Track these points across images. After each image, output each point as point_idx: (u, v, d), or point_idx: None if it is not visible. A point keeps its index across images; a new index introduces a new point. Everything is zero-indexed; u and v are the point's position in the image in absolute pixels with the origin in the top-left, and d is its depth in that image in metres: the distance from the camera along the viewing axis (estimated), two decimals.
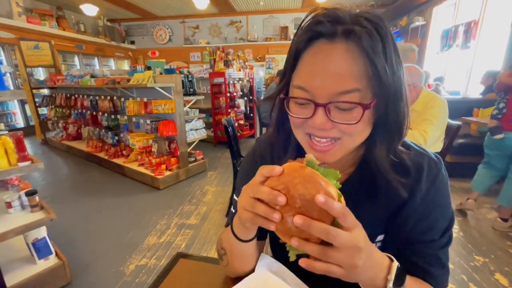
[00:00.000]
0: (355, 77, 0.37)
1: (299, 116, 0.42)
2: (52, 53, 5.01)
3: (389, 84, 0.38)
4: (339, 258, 0.32)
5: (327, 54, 0.38)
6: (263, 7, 6.95)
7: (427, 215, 0.47)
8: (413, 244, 0.48)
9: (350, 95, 0.37)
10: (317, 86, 0.38)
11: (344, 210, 0.32)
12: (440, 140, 1.77)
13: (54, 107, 4.67)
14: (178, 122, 2.91)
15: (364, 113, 0.38)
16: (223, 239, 0.57)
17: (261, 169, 0.37)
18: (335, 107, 0.39)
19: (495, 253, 1.73)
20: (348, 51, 0.37)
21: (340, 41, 0.37)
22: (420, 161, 0.48)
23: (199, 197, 2.69)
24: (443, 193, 0.48)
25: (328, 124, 0.39)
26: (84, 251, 1.86)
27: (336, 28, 0.37)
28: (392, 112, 0.40)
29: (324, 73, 0.38)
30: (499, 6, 3.85)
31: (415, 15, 5.48)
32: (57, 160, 4.12)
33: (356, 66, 0.37)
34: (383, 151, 0.44)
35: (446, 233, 0.48)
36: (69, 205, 2.58)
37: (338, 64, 0.37)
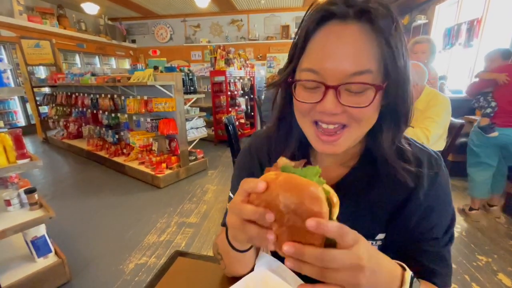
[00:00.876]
0: (368, 58, 0.36)
1: (307, 101, 0.40)
2: (53, 51, 5.01)
3: (401, 66, 0.37)
4: (339, 279, 0.29)
5: (340, 35, 0.37)
6: (264, 6, 6.93)
7: (429, 213, 0.46)
8: (416, 243, 0.46)
9: (362, 76, 0.36)
10: (329, 67, 0.37)
11: (340, 230, 0.28)
12: (443, 138, 1.75)
13: (55, 106, 4.68)
14: (178, 120, 2.90)
15: (376, 96, 0.37)
16: (219, 245, 0.54)
17: (243, 184, 0.33)
18: (345, 89, 0.37)
19: (498, 252, 1.71)
20: (361, 32, 0.36)
21: (353, 22, 0.36)
22: (420, 157, 0.46)
23: (200, 196, 2.69)
24: (445, 191, 0.47)
25: (339, 108, 0.38)
26: (84, 249, 1.86)
27: (349, 8, 0.36)
28: (401, 96, 0.40)
29: (336, 54, 0.36)
30: (503, 4, 3.81)
31: (418, 14, 5.44)
32: (58, 158, 4.12)
33: (369, 47, 0.36)
34: (389, 138, 0.43)
35: (448, 231, 0.47)
36: (69, 203, 2.58)
37: (350, 44, 0.36)
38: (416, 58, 1.92)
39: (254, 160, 0.58)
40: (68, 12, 6.40)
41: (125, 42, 7.72)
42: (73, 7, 6.40)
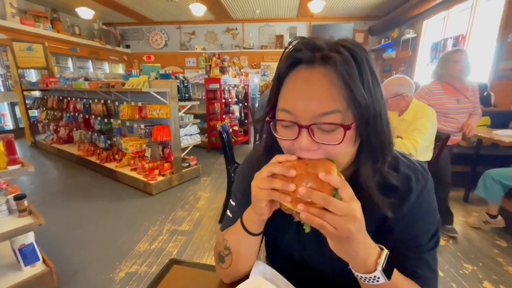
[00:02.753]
0: (334, 99, 0.39)
1: (285, 138, 0.44)
2: (45, 55, 4.95)
3: (367, 107, 0.40)
4: (334, 220, 0.37)
5: (307, 78, 0.40)
6: (259, 16, 7.07)
7: (413, 223, 0.49)
8: (400, 249, 0.49)
9: (331, 116, 0.39)
10: (299, 108, 0.41)
11: (342, 182, 0.39)
12: (430, 149, 1.82)
13: (46, 110, 4.60)
14: (172, 127, 2.90)
15: (346, 134, 0.40)
16: (228, 239, 0.58)
17: (277, 157, 0.44)
18: (318, 128, 0.41)
19: (483, 261, 1.77)
20: (326, 75, 0.39)
21: (319, 66, 0.40)
22: (409, 175, 0.50)
23: (192, 203, 2.67)
24: (429, 202, 0.50)
25: (313, 145, 0.41)
26: (73, 258, 1.82)
27: (315, 54, 0.40)
28: (373, 132, 0.42)
29: (305, 96, 0.40)
30: (485, 21, 4.01)
31: (406, 28, 5.66)
32: (47, 163, 4.03)
33: (335, 89, 0.39)
34: (368, 170, 0.45)
35: (433, 238, 0.50)
36: (58, 210, 2.52)
37: (317, 87, 0.40)
38: (459, 67, 1.94)
39: (255, 170, 0.60)
40: (62, 16, 6.37)
41: (119, 47, 7.70)
42: (67, 11, 6.37)
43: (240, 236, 0.53)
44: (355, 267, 0.43)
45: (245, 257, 0.57)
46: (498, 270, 1.67)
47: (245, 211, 0.54)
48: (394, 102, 1.77)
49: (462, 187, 2.72)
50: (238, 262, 0.56)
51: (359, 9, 6.36)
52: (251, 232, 0.52)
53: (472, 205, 2.55)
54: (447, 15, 4.75)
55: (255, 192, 0.45)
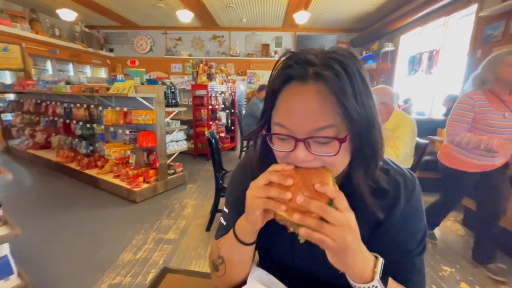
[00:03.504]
0: (328, 114, 0.41)
1: (282, 150, 0.45)
2: (23, 56, 4.73)
3: (360, 119, 0.41)
4: (332, 232, 0.38)
5: (301, 95, 0.42)
6: (246, 24, 7.17)
7: (404, 228, 0.51)
8: (391, 254, 0.51)
9: (325, 130, 0.41)
10: (295, 123, 0.42)
11: (338, 193, 0.40)
12: (410, 155, 1.92)
13: (21, 113, 4.37)
14: (158, 133, 2.86)
15: (341, 146, 0.42)
16: (221, 248, 0.58)
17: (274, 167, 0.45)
18: (314, 141, 0.42)
19: (460, 263, 1.87)
20: (319, 91, 0.40)
21: (312, 82, 0.41)
22: (398, 180, 0.52)
23: (178, 211, 2.62)
24: (418, 207, 0.52)
25: (310, 157, 0.43)
26: (51, 271, 1.72)
27: (307, 70, 0.41)
28: (366, 141, 0.44)
29: (299, 112, 0.42)
30: (457, 37, 4.32)
31: (386, 41, 5.97)
32: (21, 170, 3.81)
33: (328, 105, 0.40)
34: (360, 176, 0.47)
35: (421, 243, 0.52)
36: (34, 219, 2.38)
37: (311, 103, 0.41)
38: None
39: (249, 179, 0.60)
40: (42, 17, 6.12)
41: (102, 50, 7.50)
42: (47, 12, 6.14)
43: (232, 245, 0.53)
44: (352, 277, 0.44)
45: (239, 266, 0.57)
46: (474, 272, 1.77)
47: (238, 221, 0.53)
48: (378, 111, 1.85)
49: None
50: (232, 270, 0.56)
51: (342, 22, 6.63)
52: (243, 241, 0.52)
53: None
54: (422, 30, 5.07)
55: (250, 201, 0.45)
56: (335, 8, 5.60)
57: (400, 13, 4.90)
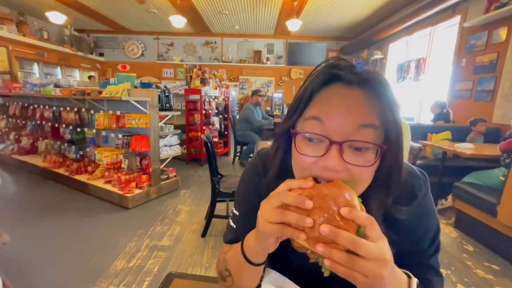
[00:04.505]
0: (372, 115, 0.39)
1: (309, 154, 0.40)
2: (9, 59, 4.59)
3: (400, 131, 0.40)
4: (365, 268, 0.32)
5: (345, 95, 0.40)
6: (238, 31, 7.24)
7: (416, 228, 0.51)
8: (405, 256, 0.49)
9: (368, 130, 0.38)
10: (334, 118, 0.39)
11: (369, 219, 0.33)
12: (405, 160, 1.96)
13: (6, 117, 4.21)
14: (152, 137, 2.81)
15: (378, 156, 0.39)
16: (228, 261, 0.54)
17: (283, 197, 0.36)
18: (349, 146, 0.39)
19: (455, 265, 1.90)
20: (365, 96, 0.40)
21: (357, 87, 0.40)
22: (412, 183, 0.50)
23: (172, 217, 2.56)
24: (429, 206, 0.52)
25: (341, 165, 0.38)
26: (39, 281, 1.63)
27: (354, 75, 0.40)
28: (397, 161, 0.41)
29: (342, 109, 0.39)
30: (443, 46, 4.51)
31: (375, 49, 6.16)
32: (5, 176, 3.64)
33: (372, 107, 0.39)
34: (377, 203, 0.43)
35: (434, 242, 0.52)
36: (20, 227, 2.27)
37: (356, 102, 0.39)
38: None
39: (262, 181, 0.57)
40: (30, 19, 5.98)
41: (92, 54, 7.38)
42: (36, 15, 6.01)
43: (240, 262, 0.48)
44: None
45: (248, 280, 0.53)
46: (469, 273, 1.80)
47: (247, 237, 0.47)
48: None
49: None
50: (240, 283, 0.53)
51: (332, 30, 6.80)
52: (252, 262, 0.47)
53: (440, 213, 2.75)
54: (410, 39, 5.27)
55: (263, 227, 0.37)
56: (326, 16, 5.75)
57: (388, 22, 5.08)
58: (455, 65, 4.05)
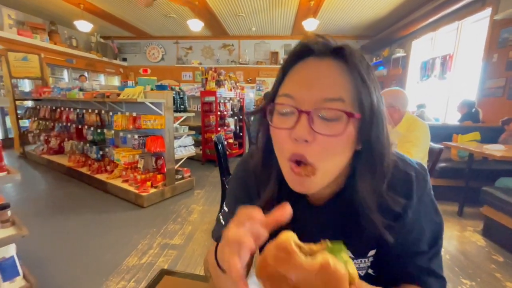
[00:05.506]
0: (341, 88, 0.38)
1: (281, 126, 0.40)
2: (41, 65, 4.94)
3: (375, 103, 0.39)
4: None
5: (315, 68, 0.40)
6: (255, 33, 7.27)
7: (414, 226, 0.46)
8: (402, 258, 0.47)
9: (335, 103, 0.37)
10: (303, 92, 0.39)
11: None
12: (424, 162, 1.83)
13: (37, 120, 4.53)
14: (167, 138, 2.88)
15: (348, 127, 0.37)
16: (209, 262, 0.49)
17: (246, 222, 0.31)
18: (318, 117, 0.38)
19: (481, 276, 1.74)
20: (336, 66, 0.39)
21: (329, 58, 0.40)
22: (409, 172, 0.46)
23: (185, 216, 2.60)
24: (429, 203, 0.48)
25: (310, 135, 0.37)
26: (56, 273, 1.72)
27: (326, 48, 0.40)
28: (376, 136, 0.40)
29: (311, 82, 0.39)
30: (471, 42, 4.21)
31: (396, 47, 5.89)
32: (35, 174, 3.91)
33: (343, 80, 0.38)
34: (367, 187, 0.42)
35: (436, 244, 0.47)
36: (43, 222, 2.42)
37: (325, 74, 0.39)
38: None
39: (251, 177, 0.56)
40: (61, 28, 6.43)
41: (116, 59, 7.76)
42: (66, 24, 6.45)
43: (216, 270, 0.42)
44: None
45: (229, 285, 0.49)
46: (497, 286, 1.65)
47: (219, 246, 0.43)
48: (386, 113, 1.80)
49: (456, 201, 2.73)
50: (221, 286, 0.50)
51: (351, 29, 6.62)
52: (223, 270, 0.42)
53: (466, 220, 2.55)
54: (435, 35, 4.98)
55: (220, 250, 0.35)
56: (344, 15, 5.60)
57: (411, 18, 4.84)
58: (485, 61, 3.76)
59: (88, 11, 5.50)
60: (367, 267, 0.51)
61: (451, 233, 2.31)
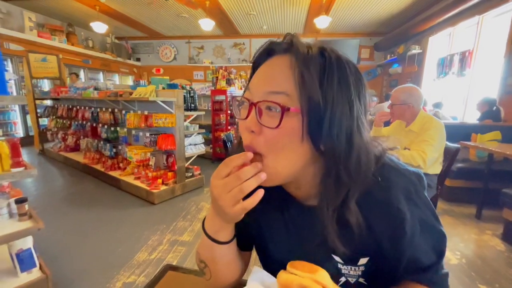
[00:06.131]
0: (285, 81, 0.39)
1: (238, 116, 0.44)
2: (59, 66, 5.13)
3: (319, 105, 0.37)
4: None
5: (271, 62, 0.42)
6: (266, 31, 7.25)
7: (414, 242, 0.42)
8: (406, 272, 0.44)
9: (277, 95, 0.38)
10: (254, 84, 0.42)
11: None
12: (439, 162, 1.76)
13: (55, 118, 4.70)
14: (177, 136, 2.91)
15: (283, 118, 0.37)
16: (200, 252, 0.52)
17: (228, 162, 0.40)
18: (265, 109, 0.40)
19: (499, 282, 1.66)
20: (286, 60, 0.40)
21: (283, 54, 0.41)
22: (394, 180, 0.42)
23: (194, 213, 2.63)
24: (423, 216, 0.43)
25: (257, 126, 0.40)
26: (70, 266, 1.78)
27: (285, 44, 0.42)
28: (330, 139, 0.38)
29: (261, 76, 0.42)
30: (492, 37, 4.02)
31: (412, 44, 5.71)
32: (53, 170, 4.07)
33: (288, 73, 0.39)
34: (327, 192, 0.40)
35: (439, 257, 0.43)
36: (59, 216, 2.51)
37: (273, 68, 0.41)
38: None
39: None
40: (77, 30, 6.65)
41: (130, 60, 7.95)
42: (82, 25, 6.66)
43: (210, 247, 0.47)
44: None
45: (225, 266, 0.51)
46: None
47: (206, 217, 0.48)
48: (399, 110, 1.74)
49: (474, 203, 2.62)
50: (217, 273, 0.52)
51: (365, 26, 6.47)
52: (220, 241, 0.47)
53: (485, 223, 2.44)
54: (453, 31, 4.79)
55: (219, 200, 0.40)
56: (357, 11, 5.48)
57: (428, 13, 4.68)
58: (507, 57, 3.58)
59: (103, 12, 5.66)
60: (357, 275, 0.48)
61: (468, 236, 2.22)
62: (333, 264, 0.48)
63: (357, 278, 0.48)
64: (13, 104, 4.26)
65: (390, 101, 1.82)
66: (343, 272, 0.48)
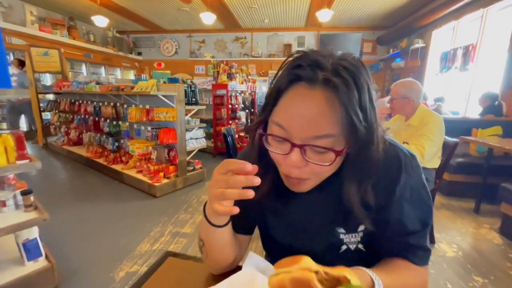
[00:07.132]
0: (330, 123, 0.39)
1: (277, 151, 0.44)
2: (61, 60, 5.14)
3: (361, 133, 0.40)
4: None
5: (306, 98, 0.40)
6: (268, 25, 7.18)
7: (403, 208, 0.49)
8: (394, 235, 0.50)
9: (324, 140, 0.40)
10: (294, 127, 0.41)
11: None
12: (437, 156, 1.78)
13: (58, 112, 4.74)
14: (178, 130, 2.94)
15: (337, 158, 0.41)
16: (200, 230, 0.57)
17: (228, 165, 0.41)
18: (310, 148, 0.41)
19: (495, 274, 1.69)
20: (327, 99, 0.39)
21: (320, 87, 0.39)
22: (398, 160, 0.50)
23: (195, 206, 2.67)
24: (416, 187, 0.50)
25: (303, 163, 0.42)
26: (75, 256, 1.83)
27: (317, 73, 0.39)
28: (363, 157, 0.43)
29: (301, 116, 0.40)
30: (497, 32, 3.97)
31: (415, 37, 5.65)
32: (56, 164, 4.12)
33: (332, 114, 0.39)
34: (352, 189, 0.46)
35: (427, 224, 0.50)
36: (63, 208, 2.56)
37: (315, 109, 0.39)
38: None
39: None
40: (79, 24, 6.63)
41: (131, 54, 7.93)
42: (83, 19, 6.64)
43: (207, 228, 0.52)
44: None
45: (218, 249, 0.55)
46: (511, 284, 1.59)
47: (207, 203, 0.52)
48: (399, 104, 1.75)
49: (473, 198, 2.64)
50: (212, 253, 0.56)
51: (367, 19, 6.40)
52: (215, 224, 0.50)
53: (483, 217, 2.46)
54: (457, 24, 4.72)
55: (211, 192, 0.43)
56: (360, 4, 5.42)
57: (431, 6, 4.62)
58: (511, 51, 3.54)
59: (104, 6, 5.63)
60: (357, 241, 0.54)
61: (466, 230, 2.24)
62: (336, 236, 0.54)
63: (356, 245, 0.54)
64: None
65: (390, 96, 1.83)
66: (345, 241, 0.54)
